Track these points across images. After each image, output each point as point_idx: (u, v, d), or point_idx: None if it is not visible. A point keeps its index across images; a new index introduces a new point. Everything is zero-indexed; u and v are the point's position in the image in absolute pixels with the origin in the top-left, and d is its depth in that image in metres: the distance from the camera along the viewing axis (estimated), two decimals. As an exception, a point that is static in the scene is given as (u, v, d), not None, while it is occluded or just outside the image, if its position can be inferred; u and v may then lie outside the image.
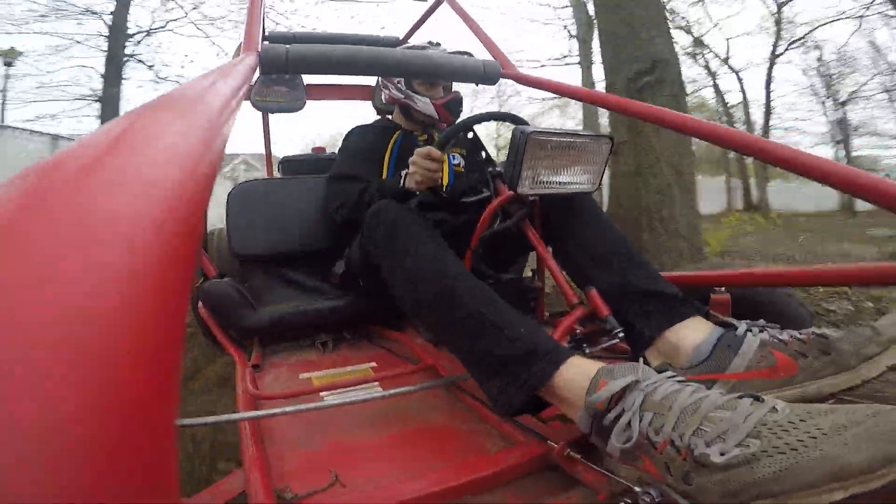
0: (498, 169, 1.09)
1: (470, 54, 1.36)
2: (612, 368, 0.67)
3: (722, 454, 0.52)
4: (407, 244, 0.96)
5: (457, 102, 1.57)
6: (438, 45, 1.59)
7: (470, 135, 1.15)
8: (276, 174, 2.48)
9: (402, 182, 1.22)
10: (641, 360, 0.70)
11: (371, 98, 2.46)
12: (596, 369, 0.68)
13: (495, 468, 0.72)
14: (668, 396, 0.60)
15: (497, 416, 0.89)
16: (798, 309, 1.08)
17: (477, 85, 1.26)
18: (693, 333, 0.85)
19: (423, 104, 1.54)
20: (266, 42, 1.66)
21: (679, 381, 0.63)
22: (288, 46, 1.01)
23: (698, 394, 0.59)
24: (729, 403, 0.57)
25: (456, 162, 1.55)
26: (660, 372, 0.65)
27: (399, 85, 1.58)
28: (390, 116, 1.76)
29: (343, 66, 1.07)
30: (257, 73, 1.05)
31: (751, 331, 0.79)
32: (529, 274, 1.48)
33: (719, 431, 0.54)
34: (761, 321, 0.82)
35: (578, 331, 0.92)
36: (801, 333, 0.77)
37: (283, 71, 1.02)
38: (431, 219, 1.09)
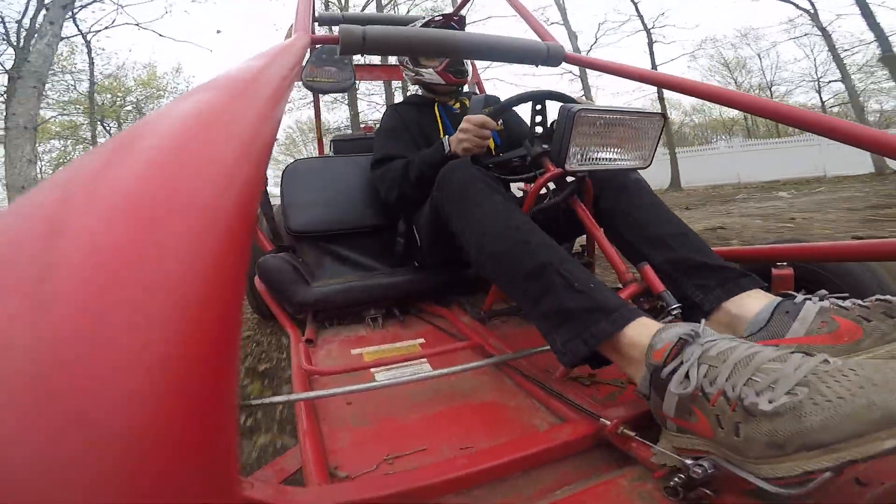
0: (546, 147, 1.07)
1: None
2: (670, 325, 0.68)
3: (770, 402, 0.52)
4: (478, 197, 1.00)
5: (454, 64, 1.64)
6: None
7: (538, 107, 1.16)
8: (328, 153, 2.52)
9: (445, 149, 1.27)
10: (703, 321, 0.69)
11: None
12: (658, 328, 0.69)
13: (545, 445, 0.72)
14: (724, 351, 0.60)
15: (545, 392, 0.89)
16: (881, 281, 1.00)
17: (537, 66, 1.27)
18: (754, 304, 0.83)
19: (429, 75, 1.64)
20: (316, 24, 1.71)
21: (736, 339, 0.63)
22: (365, 28, 1.06)
23: (753, 349, 0.59)
24: (781, 357, 0.56)
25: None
26: None
27: (407, 64, 1.69)
28: (420, 92, 1.81)
29: (416, 47, 1.13)
30: (307, 54, 1.07)
31: (810, 299, 0.77)
32: (579, 250, 1.46)
33: (770, 381, 0.54)
34: (822, 291, 0.79)
35: (639, 307, 0.90)
36: (864, 301, 0.74)
37: (360, 52, 1.07)
38: None
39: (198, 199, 0.19)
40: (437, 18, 1.64)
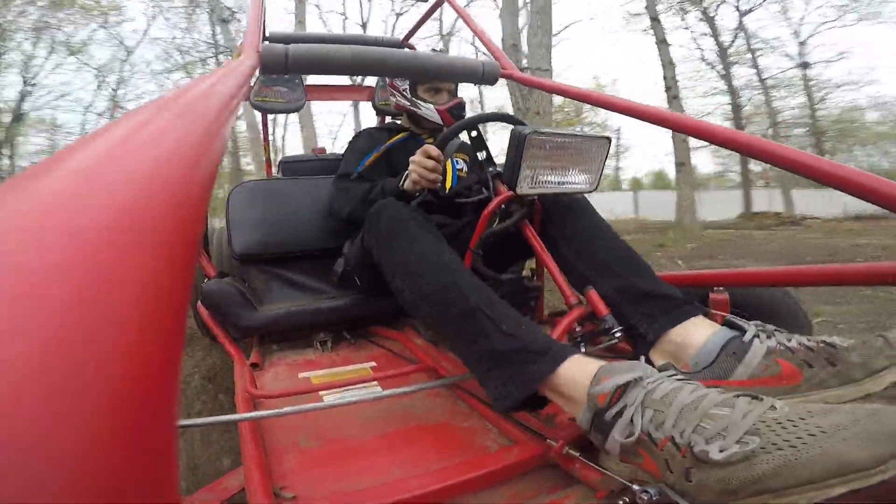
0: (497, 169, 1.09)
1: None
2: (613, 366, 0.68)
3: (721, 451, 0.52)
4: (407, 240, 0.97)
5: (460, 107, 1.58)
6: (444, 51, 1.61)
7: (474, 134, 1.15)
8: (276, 175, 2.49)
9: (401, 182, 1.23)
10: (643, 359, 0.70)
11: (371, 99, 2.46)
12: (597, 367, 0.69)
13: (494, 466, 0.73)
14: (668, 394, 0.60)
15: (496, 414, 0.89)
16: (794, 309, 1.09)
17: (476, 85, 1.26)
18: (697, 332, 0.84)
19: (428, 110, 1.55)
20: (266, 42, 1.67)
21: (679, 380, 0.63)
22: (288, 46, 1.01)
23: (698, 392, 0.60)
24: (727, 401, 0.57)
25: (460, 167, 1.56)
26: (662, 371, 0.66)
27: (405, 93, 1.59)
28: (398, 121, 1.77)
29: (343, 66, 1.06)
30: (257, 74, 1.04)
31: (758, 336, 0.78)
32: (528, 274, 1.48)
33: (719, 429, 0.54)
34: (771, 326, 0.81)
35: (577, 330, 0.92)
36: (809, 341, 0.75)
37: (283, 71, 1.02)
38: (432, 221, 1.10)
39: (141, 220, 0.19)
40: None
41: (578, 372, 0.70)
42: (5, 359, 0.14)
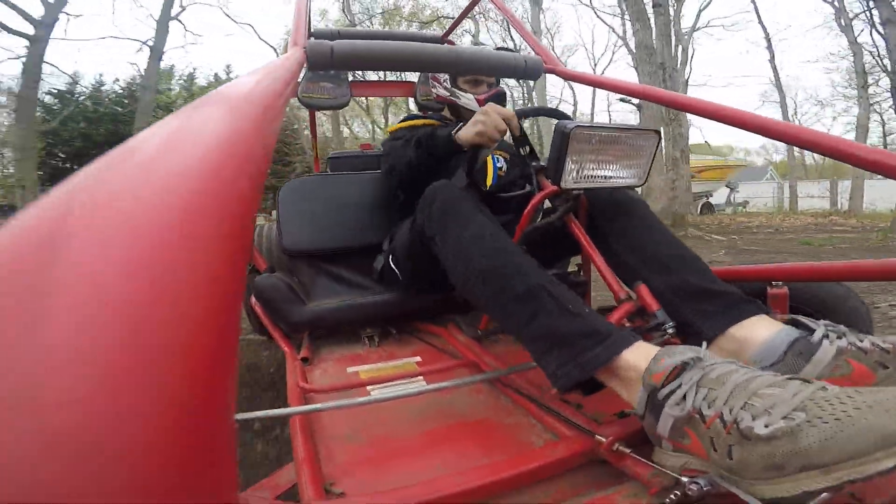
0: (541, 163, 1.07)
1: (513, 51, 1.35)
2: (672, 348, 0.68)
3: (766, 426, 0.52)
4: (463, 219, 0.98)
5: (499, 97, 1.57)
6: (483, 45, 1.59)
7: (526, 124, 1.13)
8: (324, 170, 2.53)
9: (455, 130, 1.18)
10: (704, 345, 0.69)
11: (413, 94, 2.47)
12: (658, 350, 0.69)
13: (541, 462, 0.72)
14: (723, 374, 0.60)
15: (540, 409, 0.89)
16: (856, 304, 1.03)
17: (519, 81, 1.25)
18: (761, 330, 0.80)
19: (467, 100, 1.55)
20: (312, 38, 1.68)
21: (736, 363, 0.63)
22: (333, 43, 1.01)
23: (753, 373, 0.59)
24: (779, 382, 0.57)
25: (500, 165, 1.54)
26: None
27: (445, 84, 1.60)
28: (443, 115, 1.76)
29: (387, 62, 1.07)
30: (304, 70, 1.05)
31: (827, 337, 0.73)
32: (574, 269, 1.46)
33: (767, 406, 0.54)
34: (842, 326, 0.76)
35: (627, 325, 0.89)
36: (885, 342, 0.71)
37: (329, 67, 1.03)
38: None
39: (195, 216, 0.20)
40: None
41: (642, 357, 0.70)
42: (69, 357, 0.14)
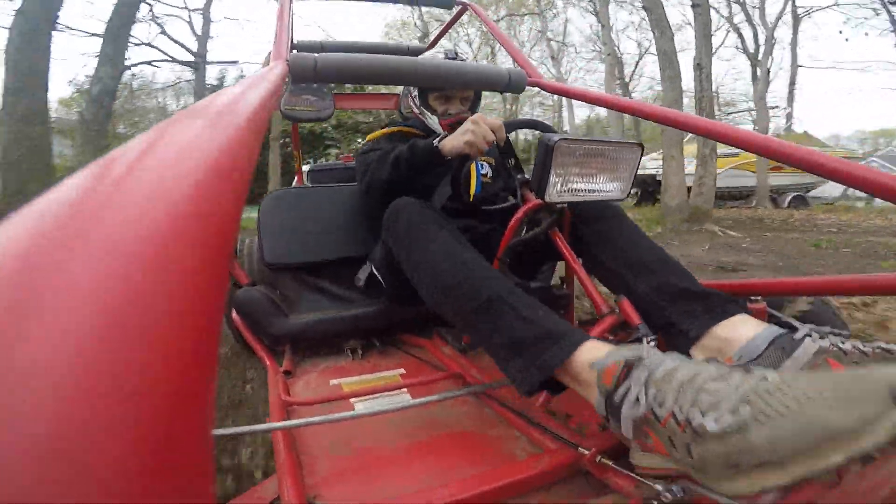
0: (526, 177, 1.08)
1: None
2: (619, 347, 0.69)
3: (716, 422, 0.53)
4: (425, 235, 0.99)
5: (461, 123, 1.52)
6: (463, 58, 1.55)
7: (512, 136, 1.13)
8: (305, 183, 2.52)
9: (438, 140, 1.16)
10: (647, 342, 0.70)
11: (397, 107, 2.48)
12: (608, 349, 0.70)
13: (524, 474, 0.72)
14: (669, 372, 0.61)
15: (525, 422, 0.89)
16: (832, 318, 1.05)
17: (502, 93, 1.25)
18: (746, 329, 0.82)
19: (432, 122, 1.50)
20: (295, 51, 1.67)
21: (679, 358, 0.64)
22: (316, 56, 1.02)
23: (696, 368, 0.60)
24: (722, 376, 0.57)
25: (484, 171, 1.53)
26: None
27: (414, 100, 1.54)
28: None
29: (370, 75, 1.07)
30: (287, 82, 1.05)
31: (810, 335, 0.75)
32: (558, 282, 1.46)
33: (713, 401, 0.55)
34: (826, 328, 0.77)
35: (610, 339, 0.90)
36: (865, 345, 0.72)
37: (312, 80, 1.03)
38: (456, 225, 1.08)
39: (175, 231, 0.19)
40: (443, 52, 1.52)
41: (593, 356, 0.71)
42: (44, 367, 0.14)
